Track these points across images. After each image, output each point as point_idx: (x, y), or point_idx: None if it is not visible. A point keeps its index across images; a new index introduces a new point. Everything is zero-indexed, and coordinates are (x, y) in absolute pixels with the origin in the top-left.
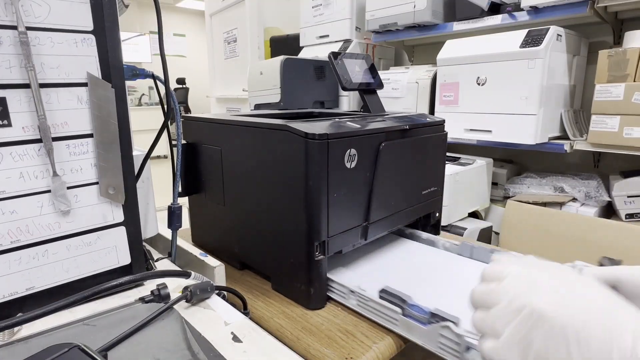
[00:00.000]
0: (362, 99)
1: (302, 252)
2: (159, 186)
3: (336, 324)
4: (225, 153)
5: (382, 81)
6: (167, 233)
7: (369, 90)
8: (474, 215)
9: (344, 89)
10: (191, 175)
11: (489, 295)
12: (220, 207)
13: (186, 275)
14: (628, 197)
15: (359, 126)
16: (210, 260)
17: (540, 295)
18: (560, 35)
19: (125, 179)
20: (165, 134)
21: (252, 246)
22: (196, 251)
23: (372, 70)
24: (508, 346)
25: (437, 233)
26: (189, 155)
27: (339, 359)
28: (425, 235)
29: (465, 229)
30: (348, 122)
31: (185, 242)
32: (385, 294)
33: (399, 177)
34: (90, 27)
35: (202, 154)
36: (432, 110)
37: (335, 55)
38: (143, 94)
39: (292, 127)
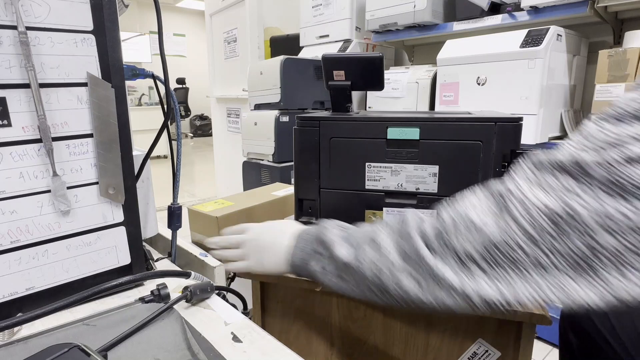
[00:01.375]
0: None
1: None
2: (159, 186)
3: None
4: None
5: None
6: (167, 233)
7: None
8: None
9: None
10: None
11: (238, 241)
12: None
13: (186, 275)
14: None
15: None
16: (211, 260)
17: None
18: (560, 35)
19: (125, 179)
20: (165, 134)
21: None
22: (196, 251)
23: None
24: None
25: None
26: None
27: None
28: None
29: None
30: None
31: (185, 242)
32: None
33: None
34: (90, 27)
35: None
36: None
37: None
38: (143, 94)
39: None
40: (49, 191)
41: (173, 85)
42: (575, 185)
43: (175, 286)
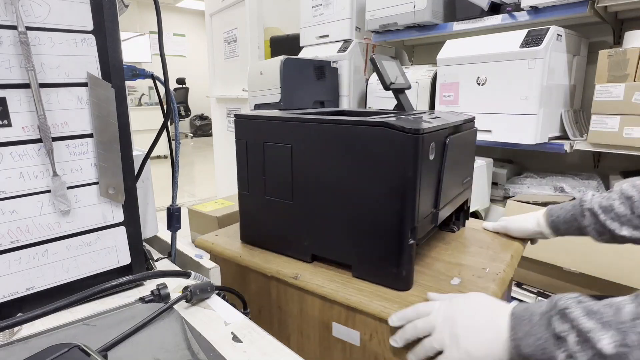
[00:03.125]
0: (397, 98)
1: (395, 238)
2: (159, 186)
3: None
4: (296, 150)
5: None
6: (165, 235)
7: (401, 89)
8: (474, 215)
9: (386, 89)
10: (248, 173)
11: (426, 324)
12: (285, 203)
13: (186, 275)
14: None
15: (436, 123)
16: (206, 262)
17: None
18: (560, 35)
19: (125, 179)
20: (165, 134)
21: (327, 238)
22: (192, 253)
23: (402, 71)
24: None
25: (467, 218)
26: (247, 153)
27: None
28: None
29: None
30: (427, 118)
31: (180, 244)
32: None
33: (454, 167)
34: (90, 27)
35: (265, 152)
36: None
37: (375, 58)
38: (143, 94)
39: (391, 124)
40: (49, 191)
41: (173, 85)
42: None
43: (175, 286)
